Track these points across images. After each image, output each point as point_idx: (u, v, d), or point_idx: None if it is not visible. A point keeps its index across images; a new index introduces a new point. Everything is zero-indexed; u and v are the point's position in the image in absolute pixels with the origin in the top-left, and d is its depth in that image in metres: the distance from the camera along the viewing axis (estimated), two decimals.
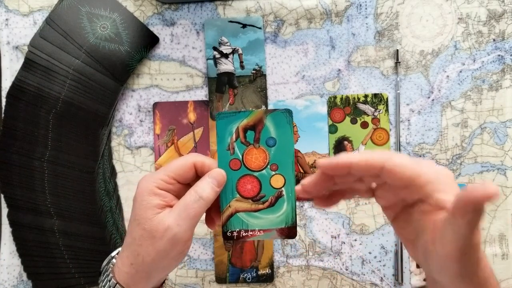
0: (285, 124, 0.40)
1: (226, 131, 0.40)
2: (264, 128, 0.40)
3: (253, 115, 0.40)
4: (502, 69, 0.57)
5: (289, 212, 0.41)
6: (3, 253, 0.59)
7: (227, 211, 0.41)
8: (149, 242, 0.37)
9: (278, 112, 0.40)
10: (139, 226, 0.38)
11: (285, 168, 0.40)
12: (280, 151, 0.40)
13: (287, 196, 0.40)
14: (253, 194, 0.41)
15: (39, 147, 0.57)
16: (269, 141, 0.40)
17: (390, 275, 0.58)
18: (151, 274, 0.39)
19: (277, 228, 0.41)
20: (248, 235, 0.41)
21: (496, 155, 0.57)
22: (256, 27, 0.58)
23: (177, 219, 0.37)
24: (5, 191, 0.57)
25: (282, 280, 0.58)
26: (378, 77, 0.58)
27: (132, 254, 0.38)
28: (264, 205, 0.41)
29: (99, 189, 0.58)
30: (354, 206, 0.58)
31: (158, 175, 0.39)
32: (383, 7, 0.58)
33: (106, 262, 0.41)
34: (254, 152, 0.40)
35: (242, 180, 0.41)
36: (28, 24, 0.59)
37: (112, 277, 0.39)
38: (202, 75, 0.59)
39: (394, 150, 0.58)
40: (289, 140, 0.40)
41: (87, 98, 0.57)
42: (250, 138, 0.40)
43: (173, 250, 0.38)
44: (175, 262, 0.39)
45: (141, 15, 0.59)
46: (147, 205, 0.38)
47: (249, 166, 0.41)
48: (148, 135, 0.59)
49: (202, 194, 0.38)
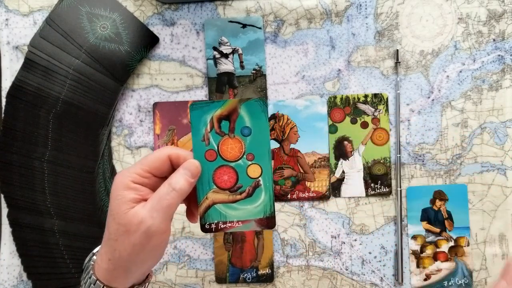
0: (260, 113, 0.40)
1: (200, 121, 0.40)
2: (239, 118, 0.40)
3: (227, 105, 0.40)
4: (502, 69, 0.57)
5: (267, 202, 0.40)
6: (3, 253, 0.59)
7: (205, 203, 0.40)
8: (124, 237, 0.37)
9: (252, 100, 0.40)
10: (114, 221, 0.37)
11: (261, 158, 0.40)
12: (255, 140, 0.40)
13: (264, 185, 0.40)
14: (230, 185, 0.40)
15: (39, 147, 0.57)
16: (244, 130, 0.40)
17: (390, 275, 0.58)
18: (129, 269, 0.38)
19: (256, 219, 0.40)
20: (226, 226, 0.40)
21: (496, 155, 0.57)
22: (256, 27, 0.58)
23: (151, 211, 0.37)
24: (5, 191, 0.57)
25: (282, 280, 0.58)
26: (378, 77, 0.58)
27: (109, 249, 0.38)
28: (241, 195, 0.40)
29: (99, 189, 0.58)
30: (354, 206, 0.58)
31: (133, 169, 0.39)
32: (383, 7, 0.58)
33: (88, 259, 0.41)
34: (229, 142, 0.40)
35: (218, 171, 0.40)
36: (28, 24, 0.59)
37: (92, 274, 0.39)
38: (202, 75, 0.59)
39: (394, 150, 0.58)
40: (264, 129, 0.40)
41: (87, 98, 0.57)
42: (225, 128, 0.40)
43: (149, 243, 0.37)
44: (154, 255, 0.39)
45: (141, 15, 0.59)
46: (122, 199, 0.37)
47: (225, 156, 0.40)
48: (148, 135, 0.59)
49: (175, 186, 0.38)
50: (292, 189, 0.58)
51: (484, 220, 0.57)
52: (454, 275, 0.57)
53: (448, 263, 0.57)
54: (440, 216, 0.58)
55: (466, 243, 0.57)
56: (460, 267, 0.57)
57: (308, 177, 0.58)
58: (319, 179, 0.58)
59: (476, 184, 0.57)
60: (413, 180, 0.58)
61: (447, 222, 0.58)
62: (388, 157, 0.58)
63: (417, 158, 0.58)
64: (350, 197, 0.58)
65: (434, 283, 0.57)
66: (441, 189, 0.58)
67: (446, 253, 0.57)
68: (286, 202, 0.59)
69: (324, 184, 0.58)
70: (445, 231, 0.58)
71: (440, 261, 0.57)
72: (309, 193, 0.58)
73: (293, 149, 0.58)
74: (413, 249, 0.58)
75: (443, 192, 0.58)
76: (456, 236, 0.58)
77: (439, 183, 0.58)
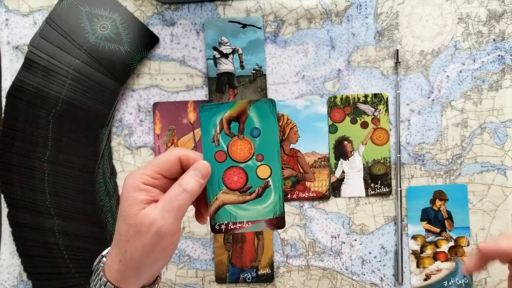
0: (269, 114, 0.40)
1: (210, 123, 0.40)
2: (248, 119, 0.40)
3: (236, 106, 0.40)
4: (502, 69, 0.57)
5: (276, 202, 0.40)
6: (3, 253, 0.59)
7: (214, 204, 0.40)
8: (135, 238, 0.37)
9: (262, 102, 0.40)
10: (125, 222, 0.37)
11: (270, 158, 0.40)
12: (265, 141, 0.40)
13: (274, 186, 0.40)
14: (239, 186, 0.40)
15: (39, 147, 0.57)
16: (253, 131, 0.40)
17: (390, 275, 0.58)
18: (140, 270, 0.38)
19: (266, 219, 0.41)
20: (236, 227, 0.41)
21: (496, 155, 0.57)
22: (256, 27, 0.58)
23: (162, 212, 0.37)
24: (5, 191, 0.57)
25: (282, 280, 0.58)
26: (378, 77, 0.58)
27: (120, 250, 0.38)
28: (251, 196, 0.40)
29: (99, 189, 0.58)
30: (354, 206, 0.58)
31: (143, 170, 0.39)
32: (383, 7, 0.58)
33: (97, 261, 0.41)
34: (239, 143, 0.40)
35: (228, 172, 0.40)
36: (28, 24, 0.59)
37: (102, 276, 0.39)
38: (202, 75, 0.59)
39: (394, 150, 0.58)
40: (273, 129, 0.40)
41: (87, 98, 0.57)
42: (235, 129, 0.40)
43: (160, 244, 0.37)
44: (164, 256, 0.39)
45: (141, 15, 0.59)
46: (133, 200, 0.37)
47: (235, 157, 0.40)
48: (148, 135, 0.59)
49: (186, 187, 0.38)
50: (292, 189, 0.58)
51: (484, 220, 0.57)
52: (454, 275, 0.57)
53: (448, 263, 0.57)
54: (440, 216, 0.58)
55: (466, 243, 0.57)
56: (460, 267, 0.57)
57: (308, 177, 0.58)
58: (319, 179, 0.58)
59: (476, 184, 0.57)
60: (413, 180, 0.58)
61: (447, 222, 0.58)
62: (388, 157, 0.58)
63: (417, 158, 0.58)
64: (350, 197, 0.58)
65: (434, 283, 0.57)
66: (441, 189, 0.58)
67: (446, 253, 0.57)
68: (286, 202, 0.58)
69: (324, 184, 0.58)
70: (445, 231, 0.58)
71: (440, 261, 0.57)
72: (309, 193, 0.58)
73: (293, 149, 0.58)
74: (413, 249, 0.58)
75: (443, 192, 0.58)
76: (456, 236, 0.58)
77: (439, 183, 0.58)
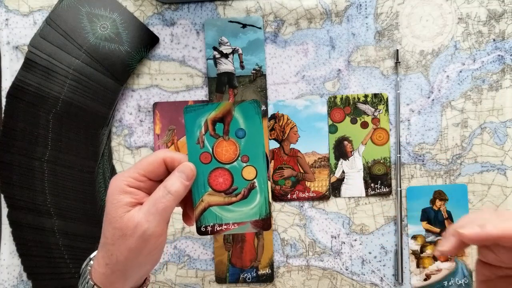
0: (254, 114, 0.40)
1: (194, 124, 0.40)
2: (233, 120, 0.40)
3: (221, 107, 0.40)
4: (502, 69, 0.57)
5: (262, 203, 0.40)
6: (3, 253, 0.59)
7: (200, 206, 0.40)
8: (121, 241, 0.37)
9: (246, 103, 0.40)
10: (110, 225, 0.37)
11: (256, 159, 0.40)
12: (250, 142, 0.40)
13: (259, 187, 0.40)
14: (225, 187, 0.40)
15: (39, 147, 0.57)
16: (238, 132, 0.40)
17: (390, 275, 0.58)
18: (127, 273, 0.38)
19: (251, 221, 0.40)
20: (222, 229, 0.40)
21: (496, 155, 0.57)
22: (256, 27, 0.58)
23: (146, 215, 0.37)
24: (5, 191, 0.57)
25: (282, 280, 0.58)
26: (378, 77, 0.58)
27: (106, 254, 0.38)
28: (237, 197, 0.40)
29: (99, 189, 0.58)
30: (354, 206, 0.58)
31: (128, 173, 0.39)
32: (383, 7, 0.58)
33: (85, 264, 0.41)
34: (224, 144, 0.40)
35: (213, 173, 0.40)
36: (28, 24, 0.59)
37: (89, 279, 0.39)
38: (202, 75, 0.59)
39: (394, 150, 0.58)
40: (258, 130, 0.40)
41: (87, 98, 0.57)
42: (220, 130, 0.40)
43: (145, 246, 0.37)
44: (151, 259, 0.39)
45: (141, 15, 0.59)
46: (118, 203, 0.37)
47: (220, 158, 0.40)
48: (148, 135, 0.59)
49: (170, 189, 0.38)
50: (292, 189, 0.58)
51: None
52: (454, 275, 0.57)
53: (448, 263, 0.57)
54: (440, 216, 0.58)
55: None
56: (460, 267, 0.57)
57: (308, 177, 0.58)
58: (319, 179, 0.58)
59: (476, 184, 0.57)
60: (413, 180, 0.58)
61: (447, 222, 0.58)
62: (388, 157, 0.58)
63: (417, 158, 0.58)
64: (350, 197, 0.58)
65: (434, 283, 0.57)
66: (441, 189, 0.58)
67: None
68: (286, 202, 0.59)
69: (324, 184, 0.58)
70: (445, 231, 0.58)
71: (440, 261, 0.57)
72: (309, 193, 0.58)
73: (293, 149, 0.58)
74: (413, 249, 0.58)
75: (443, 192, 0.58)
76: None
77: (439, 183, 0.58)
